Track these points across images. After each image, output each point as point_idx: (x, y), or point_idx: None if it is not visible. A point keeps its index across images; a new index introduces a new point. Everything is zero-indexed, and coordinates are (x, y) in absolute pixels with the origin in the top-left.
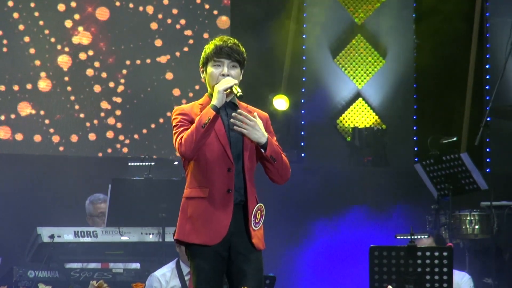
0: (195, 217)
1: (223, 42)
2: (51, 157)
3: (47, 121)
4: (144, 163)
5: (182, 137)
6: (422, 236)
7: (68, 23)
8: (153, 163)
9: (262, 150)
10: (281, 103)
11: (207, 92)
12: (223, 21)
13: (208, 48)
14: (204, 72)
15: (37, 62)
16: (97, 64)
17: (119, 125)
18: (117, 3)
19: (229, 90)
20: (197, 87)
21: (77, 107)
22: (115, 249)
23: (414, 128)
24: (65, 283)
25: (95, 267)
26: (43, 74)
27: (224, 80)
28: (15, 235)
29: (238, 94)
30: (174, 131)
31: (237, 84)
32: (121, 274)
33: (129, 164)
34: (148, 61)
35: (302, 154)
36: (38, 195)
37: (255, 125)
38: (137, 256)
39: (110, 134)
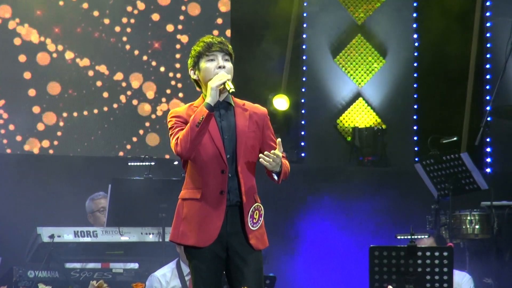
0: (188, 218)
1: (211, 39)
2: (51, 157)
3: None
4: (144, 163)
5: (178, 137)
6: (422, 236)
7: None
8: (153, 163)
9: (275, 177)
10: (281, 103)
11: (202, 94)
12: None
13: (197, 47)
14: (197, 72)
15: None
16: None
17: (118, 124)
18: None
19: (222, 86)
20: None
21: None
22: (115, 249)
23: (414, 128)
24: (65, 283)
25: (95, 267)
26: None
27: (217, 76)
28: (15, 235)
29: (230, 91)
30: (170, 133)
31: (230, 80)
32: (121, 274)
33: (129, 164)
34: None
35: (302, 154)
36: (38, 195)
37: (279, 161)
38: (137, 256)
39: (110, 134)
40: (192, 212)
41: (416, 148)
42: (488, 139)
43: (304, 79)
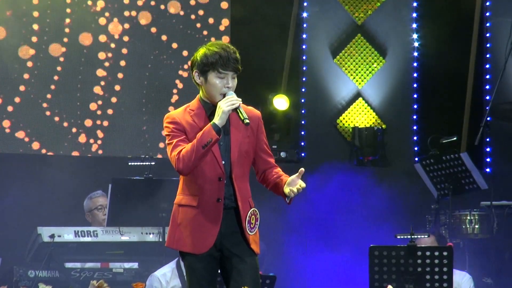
0: (184, 225)
1: (227, 53)
2: (51, 157)
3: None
4: (144, 163)
5: (179, 152)
6: (422, 236)
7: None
8: (153, 163)
9: (287, 200)
10: (281, 103)
11: (198, 95)
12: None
13: (210, 55)
14: (201, 79)
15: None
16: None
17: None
18: None
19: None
20: None
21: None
22: (115, 249)
23: (414, 128)
24: (65, 283)
25: (95, 266)
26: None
27: (229, 99)
28: (15, 235)
29: (245, 122)
30: (168, 142)
31: (241, 101)
32: (121, 273)
33: (129, 164)
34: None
35: (302, 154)
36: (38, 195)
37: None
38: (137, 256)
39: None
40: (188, 219)
41: (416, 148)
42: (487, 139)
43: (304, 79)
